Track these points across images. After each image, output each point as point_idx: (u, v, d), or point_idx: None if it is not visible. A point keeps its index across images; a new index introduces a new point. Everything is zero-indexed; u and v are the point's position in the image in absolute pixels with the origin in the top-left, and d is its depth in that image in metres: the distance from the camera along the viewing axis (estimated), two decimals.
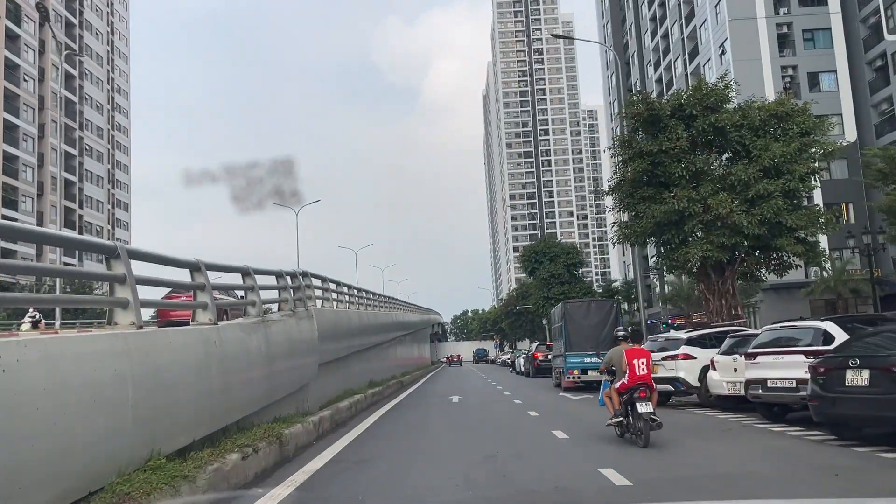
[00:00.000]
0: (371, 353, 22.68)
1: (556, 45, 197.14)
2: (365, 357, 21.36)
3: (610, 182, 20.73)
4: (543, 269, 40.99)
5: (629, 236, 19.13)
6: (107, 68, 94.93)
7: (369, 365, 22.16)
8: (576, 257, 42.61)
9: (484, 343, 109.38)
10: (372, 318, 22.68)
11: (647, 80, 75.85)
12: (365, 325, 20.43)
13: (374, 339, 22.84)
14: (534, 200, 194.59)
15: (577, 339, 21.81)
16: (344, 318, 16.81)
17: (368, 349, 22.10)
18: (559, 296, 40.23)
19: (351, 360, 18.26)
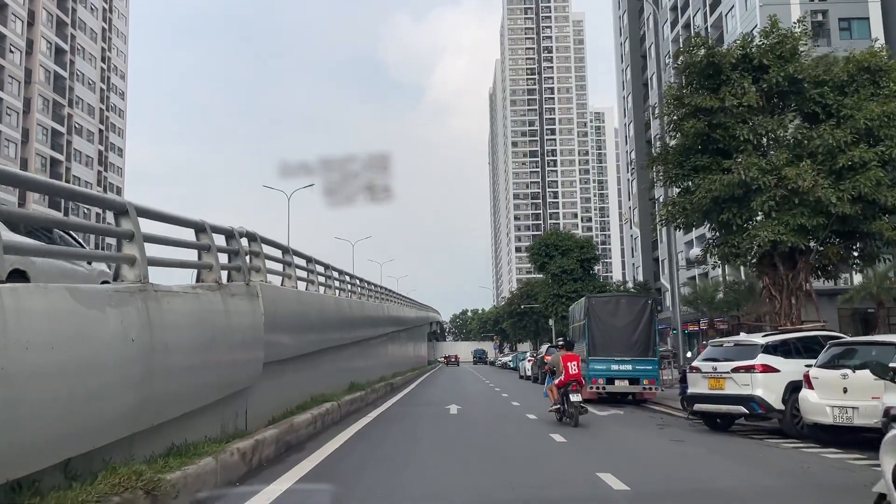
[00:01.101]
0: (354, 349, 18.93)
1: (566, 44, 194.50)
2: (345, 354, 17.60)
3: (656, 149, 16.97)
4: (554, 263, 37.09)
5: (678, 215, 15.32)
6: (101, 45, 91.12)
7: (351, 364, 18.40)
8: (590, 252, 38.55)
9: (483, 344, 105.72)
10: (357, 308, 18.92)
11: (664, 40, 71.98)
12: (347, 316, 16.68)
13: (359, 334, 19.10)
14: (538, 201, 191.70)
15: (604, 341, 18.07)
16: (313, 304, 13.05)
17: (351, 345, 18.35)
18: (571, 294, 36.43)
19: (324, 357, 14.51)
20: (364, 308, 19.90)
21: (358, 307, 18.90)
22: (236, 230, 8.82)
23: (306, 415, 10.60)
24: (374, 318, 22.29)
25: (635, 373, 17.87)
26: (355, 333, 18.34)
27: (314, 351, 13.36)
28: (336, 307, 14.97)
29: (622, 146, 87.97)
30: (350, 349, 18.41)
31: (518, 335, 61.55)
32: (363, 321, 19.93)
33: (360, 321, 19.19)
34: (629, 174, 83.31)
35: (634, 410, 16.85)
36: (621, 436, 12.27)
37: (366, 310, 20.27)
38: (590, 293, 36.14)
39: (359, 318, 18.83)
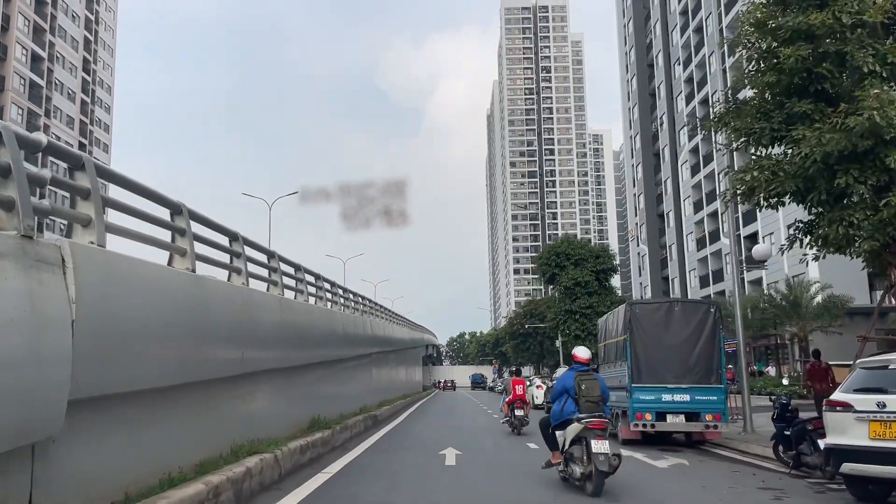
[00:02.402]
0: (321, 372, 14.37)
1: (565, 65, 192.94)
2: (305, 379, 13.04)
3: (722, 103, 12.61)
4: (566, 275, 32.39)
5: (766, 185, 10.76)
6: (83, 55, 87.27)
7: (314, 392, 13.85)
8: (607, 262, 33.84)
9: (482, 368, 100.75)
10: (322, 318, 14.36)
11: (675, 79, 68.21)
12: (302, 328, 12.11)
13: (327, 353, 14.52)
14: (536, 222, 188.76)
15: (652, 362, 13.51)
16: (232, 298, 8.49)
17: (315, 367, 13.79)
18: (585, 309, 31.88)
19: (260, 384, 9.94)
20: (333, 319, 15.30)
21: (324, 317, 14.31)
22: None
23: (191, 489, 6.01)
24: (350, 335, 17.70)
25: (694, 405, 13.30)
26: (320, 352, 13.75)
27: (245, 374, 8.81)
28: (279, 312, 10.40)
29: (627, 160, 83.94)
30: (314, 372, 13.83)
31: (520, 358, 56.60)
32: (333, 337, 15.37)
33: (327, 336, 14.62)
34: (635, 188, 79.20)
35: (700, 458, 12.26)
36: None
37: (337, 322, 15.67)
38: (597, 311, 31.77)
39: (325, 331, 14.26)
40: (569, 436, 8.60)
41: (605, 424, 8.48)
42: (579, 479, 8.42)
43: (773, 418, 10.54)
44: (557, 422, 8.92)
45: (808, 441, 9.55)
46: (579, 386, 8.66)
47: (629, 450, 13.11)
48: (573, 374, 8.92)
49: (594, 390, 8.65)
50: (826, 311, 28.00)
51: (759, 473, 10.15)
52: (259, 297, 9.51)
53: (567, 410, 8.72)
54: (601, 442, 8.17)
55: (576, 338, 31.63)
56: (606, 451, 8.06)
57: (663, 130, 71.58)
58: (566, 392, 8.85)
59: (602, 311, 31.95)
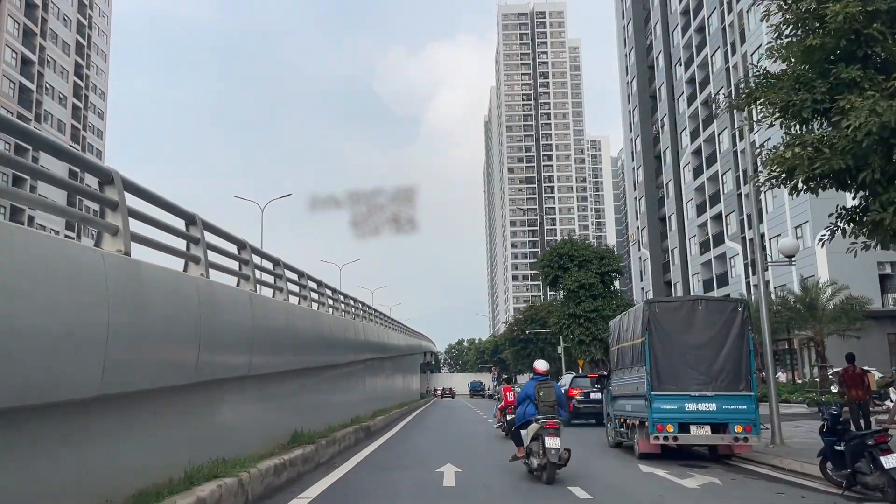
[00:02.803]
0: (303, 380, 12.95)
1: (562, 70, 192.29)
2: (285, 388, 11.62)
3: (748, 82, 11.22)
4: (569, 277, 30.82)
5: (809, 165, 9.30)
6: (75, 59, 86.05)
7: (296, 401, 12.43)
8: (612, 263, 32.21)
9: (480, 375, 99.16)
10: (306, 319, 12.93)
11: (676, 80, 67.01)
12: (277, 329, 10.68)
13: (309, 358, 13.08)
14: (535, 228, 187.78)
15: (673, 367, 12.09)
16: (182, 290, 7.04)
17: (297, 374, 12.38)
18: (590, 313, 30.36)
19: (232, 390, 8.54)
20: (320, 322, 13.86)
21: (308, 319, 12.87)
22: None
23: None
24: (340, 339, 16.27)
25: (722, 415, 11.87)
26: (303, 357, 12.33)
27: (190, 384, 7.38)
28: (251, 310, 8.98)
29: (628, 163, 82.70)
30: (296, 380, 12.41)
31: (520, 365, 54.98)
32: (320, 341, 13.94)
33: (312, 340, 13.20)
34: (636, 192, 77.95)
35: (732, 475, 10.84)
36: None
37: (324, 325, 14.24)
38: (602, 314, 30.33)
39: (309, 335, 12.82)
40: (529, 434, 10.23)
41: (558, 424, 10.09)
42: (536, 470, 10.06)
43: (822, 431, 9.12)
44: (521, 422, 10.58)
45: (868, 458, 8.15)
46: (538, 393, 10.32)
47: (649, 465, 11.70)
48: (534, 383, 10.49)
49: (550, 396, 10.32)
50: (844, 313, 26.58)
51: (808, 495, 8.74)
52: (223, 293, 8.09)
53: (528, 413, 10.37)
54: (554, 439, 9.82)
55: (579, 343, 30.19)
56: (557, 447, 9.71)
57: (664, 133, 70.36)
58: (528, 398, 10.47)
59: (608, 314, 30.48)
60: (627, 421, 13.60)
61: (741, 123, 10.40)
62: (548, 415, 10.09)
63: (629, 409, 13.43)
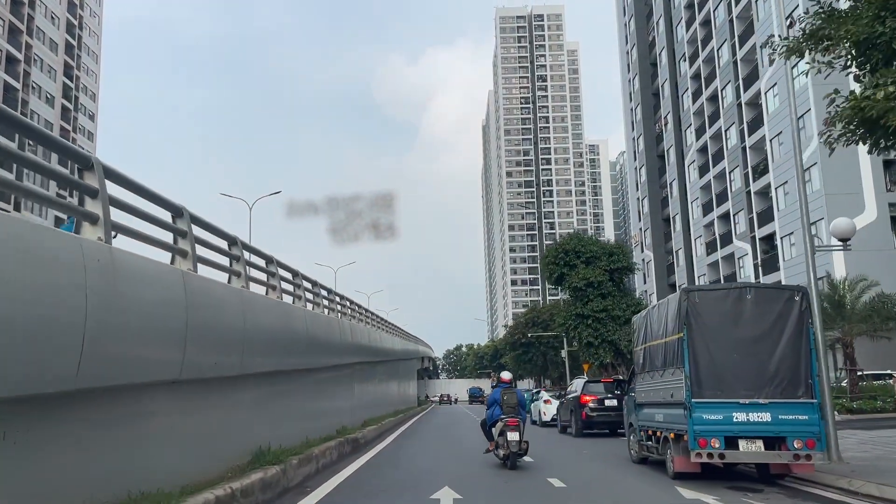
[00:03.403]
0: (270, 387, 10.81)
1: (561, 73, 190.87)
2: (240, 396, 9.51)
3: (811, 16, 9.12)
4: (576, 275, 28.53)
5: None
6: (64, 58, 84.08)
7: (259, 412, 10.30)
8: (622, 260, 29.81)
9: (479, 381, 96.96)
10: (271, 313, 10.77)
11: (680, 77, 65.05)
12: (226, 322, 8.55)
13: (275, 361, 10.92)
14: (534, 232, 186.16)
15: (717, 369, 9.96)
16: (71, 264, 4.96)
17: (261, 379, 10.26)
18: (598, 313, 28.10)
19: (155, 398, 6.41)
20: (292, 318, 11.71)
21: (274, 313, 10.71)
22: None
23: None
24: (320, 340, 14.13)
25: (778, 427, 9.75)
26: (265, 359, 10.19)
27: (82, 389, 5.26)
28: (185, 296, 6.85)
29: (630, 163, 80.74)
30: (259, 387, 10.28)
31: (521, 370, 52.81)
32: (292, 341, 11.80)
33: (281, 339, 11.06)
34: (638, 192, 75.95)
35: (794, 500, 8.73)
36: None
37: (298, 322, 12.09)
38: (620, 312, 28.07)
39: (277, 332, 10.67)
40: (496, 430, 12.76)
41: (517, 421, 12.48)
42: (503, 458, 12.50)
43: None
44: (491, 421, 13.09)
45: None
46: (503, 397, 12.82)
47: (690, 488, 9.57)
48: (500, 390, 13.10)
49: (512, 400, 12.75)
50: (875, 312, 24.49)
51: None
52: (135, 266, 5.97)
53: (496, 414, 12.90)
54: (514, 433, 12.25)
55: (587, 345, 28.02)
56: (517, 439, 12.19)
57: (668, 131, 68.41)
58: (496, 402, 13.02)
59: (618, 314, 28.40)
60: (657, 433, 11.47)
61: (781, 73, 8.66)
62: (510, 414, 12.59)
63: (660, 418, 11.30)
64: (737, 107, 52.09)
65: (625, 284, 31.36)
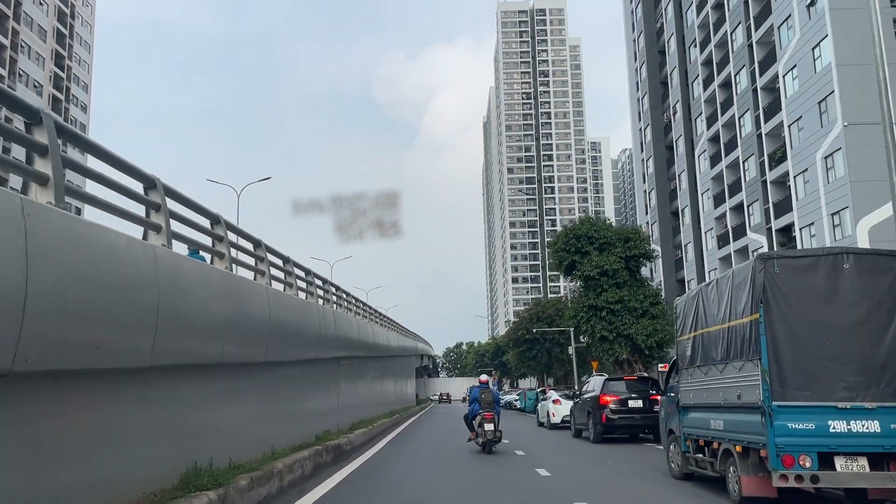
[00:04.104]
0: (215, 383, 8.33)
1: (563, 68, 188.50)
2: (164, 395, 6.97)
3: None
4: (588, 263, 25.80)
5: None
6: (54, 47, 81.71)
7: (194, 417, 7.80)
8: (640, 246, 26.87)
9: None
10: (215, 284, 8.24)
11: (690, 63, 62.47)
12: (139, 289, 6.01)
13: (221, 350, 8.36)
14: (535, 229, 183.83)
15: (808, 361, 7.44)
16: None
17: (203, 372, 7.77)
18: (613, 304, 25.38)
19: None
20: (250, 296, 9.16)
21: (216, 283, 8.15)
22: None
23: None
24: (291, 328, 11.61)
25: (890, 439, 7.26)
26: (208, 348, 7.67)
27: None
28: (62, 251, 4.36)
29: (636, 155, 78.14)
30: (197, 382, 7.77)
31: (524, 368, 50.22)
32: (253, 324, 9.28)
33: (235, 321, 8.53)
34: (645, 184, 73.37)
35: None
36: None
37: (257, 301, 9.56)
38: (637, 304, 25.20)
39: (224, 312, 8.15)
40: (476, 422, 15.93)
41: (492, 414, 15.56)
42: (481, 446, 15.53)
43: None
44: (472, 416, 16.29)
45: None
46: (481, 395, 16.04)
47: None
48: (479, 389, 16.34)
49: (488, 398, 15.90)
50: None
51: None
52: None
53: (475, 409, 16.06)
54: (489, 424, 15.35)
55: (601, 340, 25.31)
56: (491, 429, 15.28)
57: (676, 120, 65.83)
58: (476, 399, 16.25)
59: (634, 306, 25.69)
60: (714, 444, 8.96)
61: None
62: (486, 409, 15.33)
63: (718, 425, 8.79)
64: (752, 92, 49.54)
65: (641, 273, 28.73)
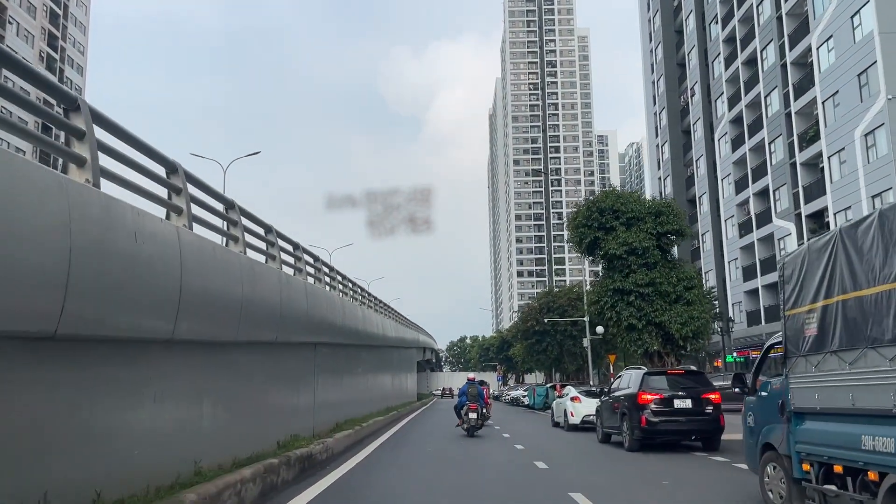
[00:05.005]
0: (106, 366, 5.00)
1: (571, 59, 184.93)
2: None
3: None
4: (614, 240, 22.11)
5: None
6: (43, 25, 78.55)
7: (75, 420, 4.42)
8: (674, 221, 23.00)
9: (484, 375, 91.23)
10: (94, 219, 4.97)
11: (710, 41, 58.93)
12: None
13: (103, 322, 5.07)
14: (541, 222, 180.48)
15: None
16: None
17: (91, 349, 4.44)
18: (642, 288, 21.72)
19: None
20: (158, 236, 5.94)
21: (94, 216, 4.98)
22: None
23: None
24: (230, 296, 8.35)
25: None
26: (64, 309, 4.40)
27: None
28: None
29: (651, 141, 74.66)
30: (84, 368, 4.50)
31: (534, 362, 46.83)
32: (145, 285, 6.00)
33: (109, 279, 5.25)
34: (660, 171, 69.96)
35: None
36: None
37: (189, 257, 6.33)
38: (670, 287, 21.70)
39: (99, 261, 4.92)
40: (463, 412, 19.33)
41: (476, 406, 19.07)
42: (466, 430, 18.98)
43: None
44: (460, 406, 19.69)
45: None
46: (469, 390, 19.52)
47: None
48: (467, 385, 19.84)
49: (474, 392, 19.44)
50: None
51: None
52: None
53: (463, 401, 19.45)
54: (473, 413, 18.94)
55: (628, 329, 21.72)
56: (475, 417, 18.95)
57: (695, 103, 62.36)
58: (464, 393, 19.68)
59: (667, 290, 22.08)
60: (872, 475, 5.67)
61: None
62: (471, 402, 19.11)
63: (879, 445, 5.49)
64: (780, 68, 46.06)
65: (673, 253, 25.20)
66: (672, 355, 21.98)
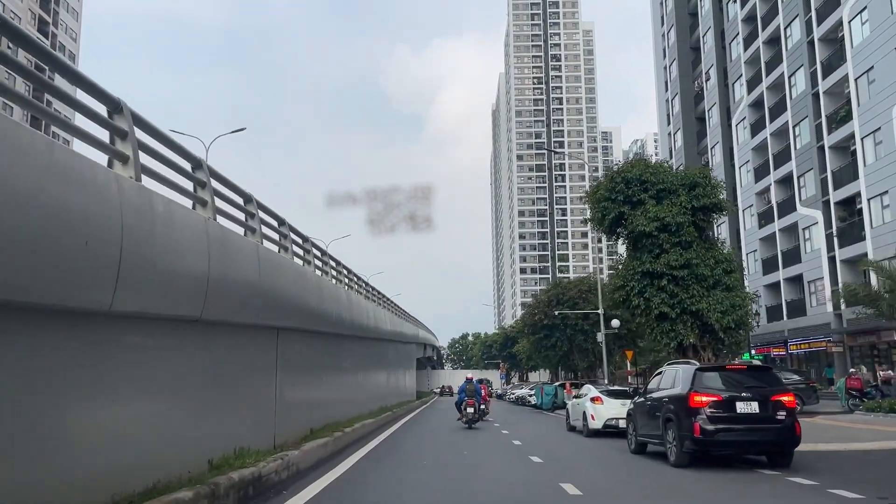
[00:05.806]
0: None
1: (576, 53, 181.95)
2: None
3: None
4: (644, 215, 18.63)
5: None
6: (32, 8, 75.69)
7: None
8: (711, 194, 19.35)
9: (487, 373, 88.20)
10: None
11: (728, 22, 55.75)
12: None
13: None
14: (544, 218, 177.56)
15: None
16: None
17: None
18: (677, 270, 18.40)
19: None
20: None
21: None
22: None
23: None
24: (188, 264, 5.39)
25: None
26: None
27: None
28: None
29: (663, 128, 71.59)
30: None
31: (542, 358, 43.68)
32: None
33: None
34: (673, 160, 66.87)
35: None
36: None
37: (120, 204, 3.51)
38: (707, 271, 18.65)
39: None
40: (462, 407, 21.77)
41: (473, 401, 21.62)
42: (465, 423, 21.35)
43: None
44: (460, 402, 22.13)
45: None
46: (467, 388, 21.93)
47: None
48: (466, 383, 22.28)
49: (471, 389, 21.87)
50: None
51: None
52: None
53: (462, 397, 21.91)
54: (470, 408, 21.46)
55: (659, 318, 18.47)
56: (472, 411, 21.46)
57: (710, 87, 59.25)
58: (463, 391, 22.21)
59: (704, 273, 18.84)
60: None
61: None
62: (469, 398, 21.41)
63: None
64: (807, 45, 42.92)
65: (711, 232, 21.97)
66: (710, 349, 18.84)
